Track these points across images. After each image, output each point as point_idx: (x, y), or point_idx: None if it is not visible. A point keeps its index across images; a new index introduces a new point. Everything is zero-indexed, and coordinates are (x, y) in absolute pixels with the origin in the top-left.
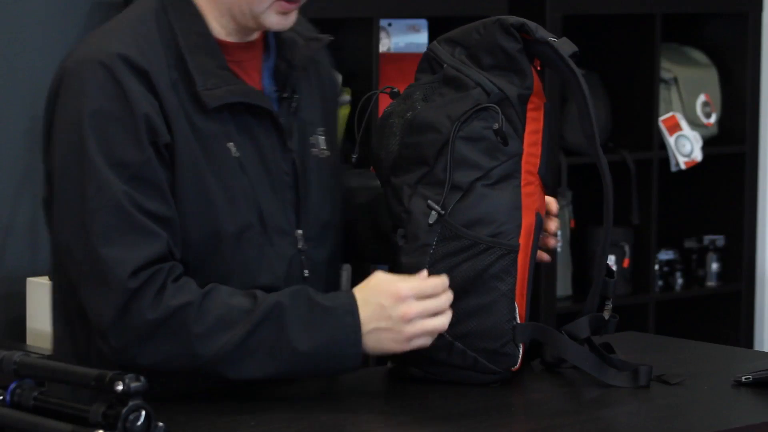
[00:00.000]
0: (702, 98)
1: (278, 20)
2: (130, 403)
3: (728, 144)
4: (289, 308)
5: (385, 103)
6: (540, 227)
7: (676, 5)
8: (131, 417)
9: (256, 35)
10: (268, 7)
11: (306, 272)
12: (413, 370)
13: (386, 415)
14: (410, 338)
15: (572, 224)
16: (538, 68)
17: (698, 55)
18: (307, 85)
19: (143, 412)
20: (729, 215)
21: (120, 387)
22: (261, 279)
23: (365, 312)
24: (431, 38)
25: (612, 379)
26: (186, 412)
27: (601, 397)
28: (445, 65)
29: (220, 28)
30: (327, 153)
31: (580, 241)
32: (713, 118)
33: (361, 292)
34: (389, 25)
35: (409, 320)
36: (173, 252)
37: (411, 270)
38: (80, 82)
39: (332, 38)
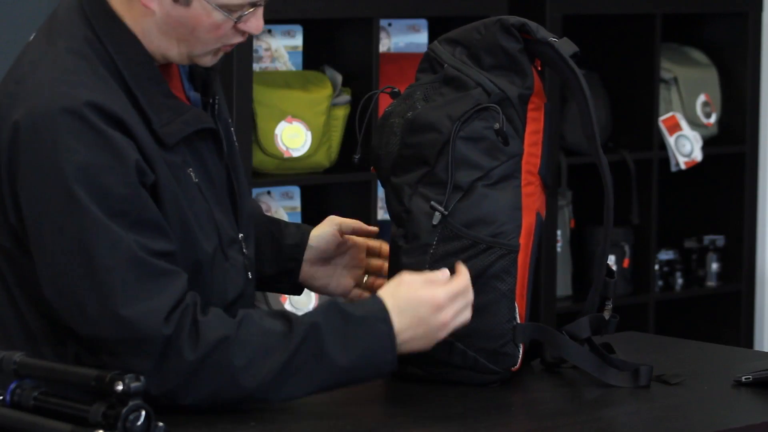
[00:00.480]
0: (702, 98)
1: (210, 59)
2: (130, 403)
3: (728, 144)
4: (324, 326)
5: (385, 102)
6: (540, 227)
7: (676, 5)
8: (131, 417)
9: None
10: (208, 51)
11: (249, 274)
12: (413, 370)
13: (386, 415)
14: (441, 338)
15: (572, 224)
16: (539, 68)
17: (698, 55)
18: (217, 84)
19: (143, 412)
20: (729, 215)
21: (120, 387)
22: (229, 294)
23: (402, 321)
24: (431, 38)
25: (612, 379)
26: (186, 412)
27: (601, 397)
28: (445, 65)
29: (154, 51)
30: (237, 145)
31: (580, 241)
32: (713, 118)
33: (393, 299)
34: (389, 25)
35: (445, 327)
36: (189, 287)
37: (412, 269)
38: (52, 135)
39: (270, 24)
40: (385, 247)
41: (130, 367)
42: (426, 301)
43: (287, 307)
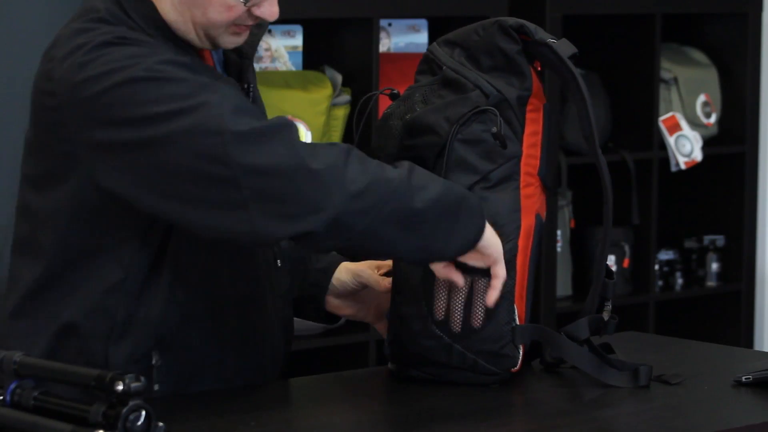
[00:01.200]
0: (702, 98)
1: (232, 40)
2: (130, 403)
3: (728, 144)
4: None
5: (385, 103)
6: (540, 228)
7: (676, 5)
8: (131, 417)
9: None
10: (224, 31)
11: (279, 262)
12: (413, 371)
13: (386, 415)
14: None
15: (572, 224)
16: (539, 69)
17: (698, 55)
18: (252, 73)
19: (143, 412)
20: (729, 215)
21: (120, 387)
22: (246, 269)
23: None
24: (431, 38)
25: (612, 380)
26: (186, 412)
27: (601, 397)
28: (444, 67)
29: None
30: None
31: (580, 241)
32: (713, 118)
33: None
34: (389, 25)
35: (498, 259)
36: None
37: (409, 274)
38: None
39: (269, 29)
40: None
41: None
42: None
43: None
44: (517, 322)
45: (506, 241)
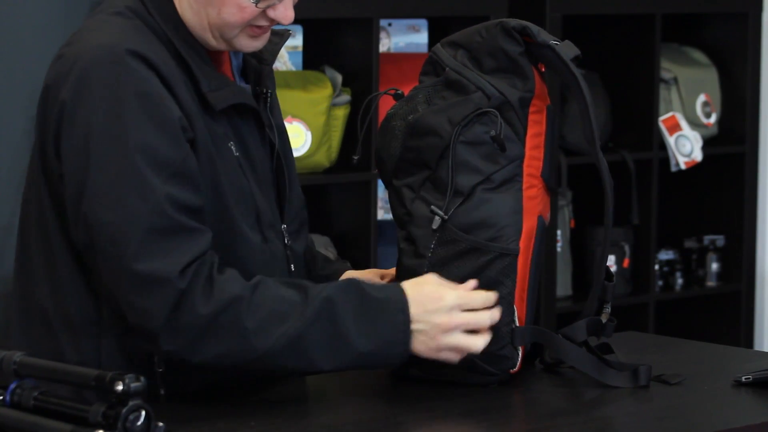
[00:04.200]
0: (702, 98)
1: (249, 43)
2: (130, 403)
3: (728, 144)
4: (341, 303)
5: (387, 104)
6: (543, 230)
7: (676, 5)
8: (131, 417)
9: None
10: (239, 33)
11: (292, 267)
12: (412, 370)
13: (386, 415)
14: (441, 348)
15: (572, 224)
16: (542, 71)
17: (698, 55)
18: (271, 81)
19: (143, 412)
20: (729, 215)
21: (120, 387)
22: (257, 272)
23: (414, 311)
24: (431, 38)
25: (612, 380)
26: (186, 412)
27: (601, 397)
28: (447, 68)
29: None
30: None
31: (580, 241)
32: (713, 118)
33: (411, 289)
34: (389, 25)
35: (446, 330)
36: (212, 244)
37: (410, 273)
38: (112, 71)
39: (292, 34)
40: None
41: (143, 320)
42: (435, 295)
43: None
44: (517, 324)
45: (507, 242)
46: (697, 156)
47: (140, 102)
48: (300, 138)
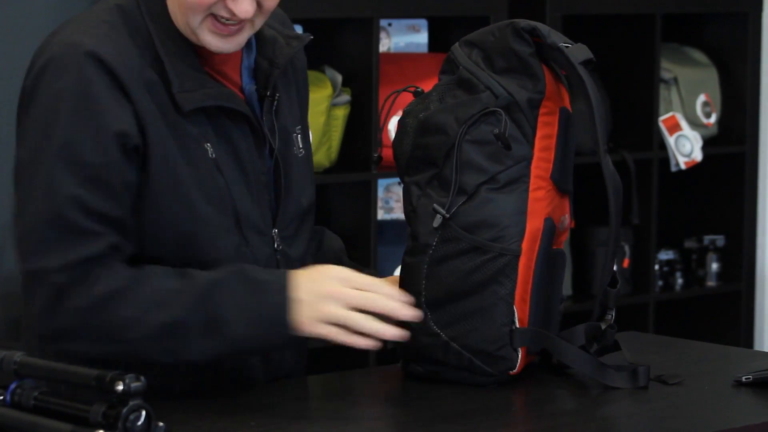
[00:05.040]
0: (702, 98)
1: (214, 40)
2: (131, 403)
3: (728, 144)
4: (224, 287)
5: (400, 103)
6: (551, 232)
7: (676, 5)
8: (131, 417)
9: None
10: (201, 23)
11: (278, 265)
12: (414, 367)
13: (387, 415)
14: (322, 318)
15: (572, 224)
16: (563, 73)
17: (698, 55)
18: (285, 84)
19: (143, 412)
20: (729, 215)
21: (120, 387)
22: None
23: (298, 286)
24: (431, 38)
25: (611, 381)
26: (186, 412)
27: (601, 397)
28: (460, 67)
29: (189, 29)
30: (302, 152)
31: (580, 241)
32: (713, 118)
33: (302, 271)
34: (389, 25)
35: (327, 297)
36: (119, 250)
37: (412, 269)
38: (65, 69)
39: (312, 37)
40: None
41: (30, 309)
42: (322, 270)
43: None
44: (517, 325)
45: (509, 242)
46: (697, 156)
47: (78, 103)
48: None
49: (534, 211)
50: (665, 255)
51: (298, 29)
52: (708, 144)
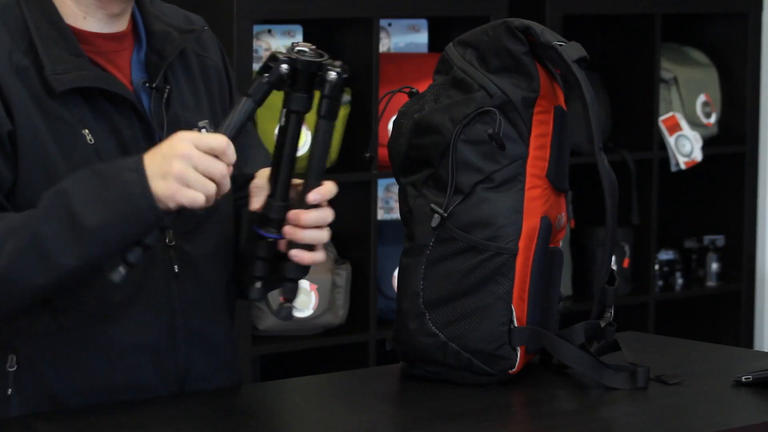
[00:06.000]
0: (702, 98)
1: (117, 3)
2: None
3: (728, 144)
4: (72, 188)
5: (398, 103)
6: (548, 231)
7: (676, 5)
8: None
9: (123, 26)
10: None
11: (176, 267)
12: (416, 369)
13: (387, 415)
14: (173, 178)
15: (572, 224)
16: (558, 72)
17: (698, 55)
18: (186, 78)
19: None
20: (729, 215)
21: None
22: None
23: (148, 160)
24: (431, 38)
25: (610, 381)
26: (186, 412)
27: (601, 397)
28: (454, 67)
29: (76, 10)
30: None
31: (580, 241)
32: (713, 118)
33: (151, 151)
34: (389, 25)
35: (176, 156)
36: None
37: (409, 269)
38: None
39: (206, 27)
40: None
41: None
42: (170, 139)
43: None
44: (516, 324)
45: (505, 241)
46: (697, 156)
47: None
48: (300, 138)
49: (530, 209)
50: (665, 255)
51: (298, 29)
52: (708, 144)
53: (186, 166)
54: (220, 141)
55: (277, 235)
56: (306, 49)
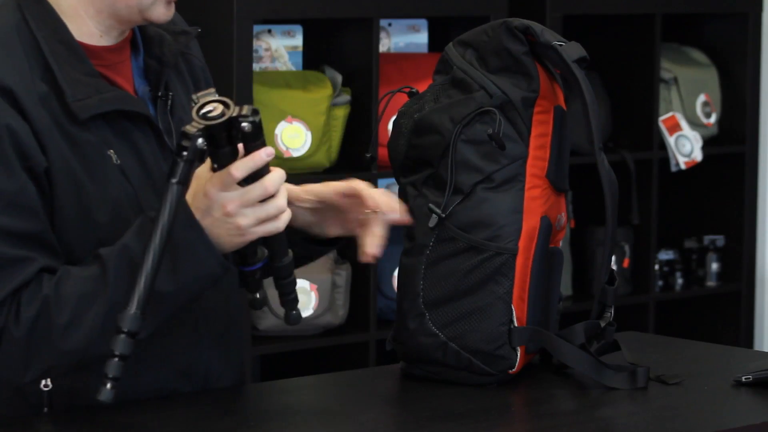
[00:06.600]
0: (702, 98)
1: (164, 11)
2: None
3: (728, 144)
4: (138, 252)
5: (398, 103)
6: (548, 231)
7: (676, 5)
8: None
9: (125, 35)
10: (156, 2)
11: None
12: (416, 369)
13: (386, 415)
14: (241, 242)
15: (572, 224)
16: (558, 71)
17: (698, 55)
18: (180, 81)
19: None
20: (729, 215)
21: None
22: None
23: (206, 222)
24: (431, 38)
25: (610, 381)
26: (186, 411)
27: (600, 397)
28: (454, 67)
29: (94, 30)
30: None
31: (580, 241)
32: (713, 118)
33: (193, 199)
34: (389, 25)
35: (230, 214)
36: (46, 268)
37: (409, 270)
38: None
39: (200, 30)
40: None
41: None
42: (218, 204)
43: None
44: (516, 324)
45: (505, 241)
46: (697, 156)
47: None
48: (300, 138)
49: (530, 209)
50: (665, 255)
51: (298, 29)
52: (708, 144)
53: (248, 223)
54: (264, 186)
55: (259, 263)
56: (210, 107)
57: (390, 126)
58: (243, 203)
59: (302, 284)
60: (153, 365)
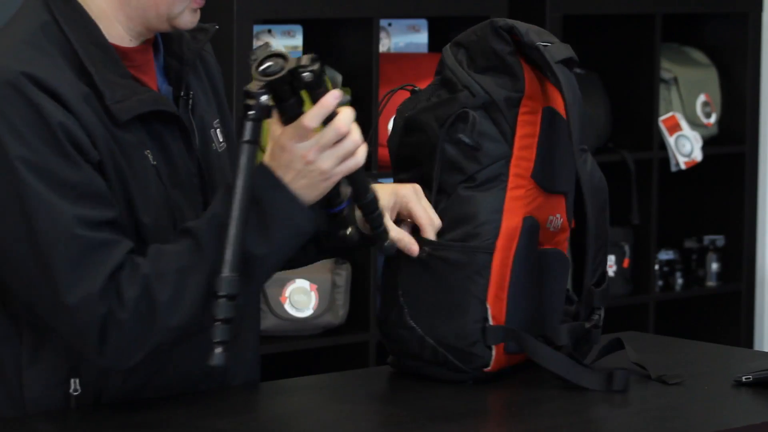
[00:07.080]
0: (702, 98)
1: (191, 18)
2: None
3: (728, 144)
4: (227, 218)
5: (399, 102)
6: (531, 231)
7: (676, 5)
8: None
9: (150, 36)
10: (185, 8)
11: None
12: (400, 362)
13: (386, 414)
14: (327, 175)
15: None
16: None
17: (698, 55)
18: (197, 80)
19: None
20: (729, 215)
21: None
22: None
23: (286, 176)
24: (431, 38)
25: (585, 382)
26: (186, 411)
27: (600, 397)
28: (446, 67)
29: (123, 33)
30: (224, 145)
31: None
32: (713, 118)
33: (272, 160)
34: (389, 25)
35: (311, 161)
36: (134, 250)
37: (390, 262)
38: (4, 95)
39: (218, 27)
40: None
41: (79, 347)
42: (297, 156)
43: (287, 308)
44: (491, 323)
45: (483, 239)
46: (697, 156)
47: (37, 128)
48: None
49: (511, 209)
50: (665, 255)
51: (298, 29)
52: (708, 144)
53: (330, 165)
54: (337, 128)
55: (344, 203)
56: (269, 62)
57: (390, 125)
58: (321, 148)
59: (302, 284)
60: (179, 364)
